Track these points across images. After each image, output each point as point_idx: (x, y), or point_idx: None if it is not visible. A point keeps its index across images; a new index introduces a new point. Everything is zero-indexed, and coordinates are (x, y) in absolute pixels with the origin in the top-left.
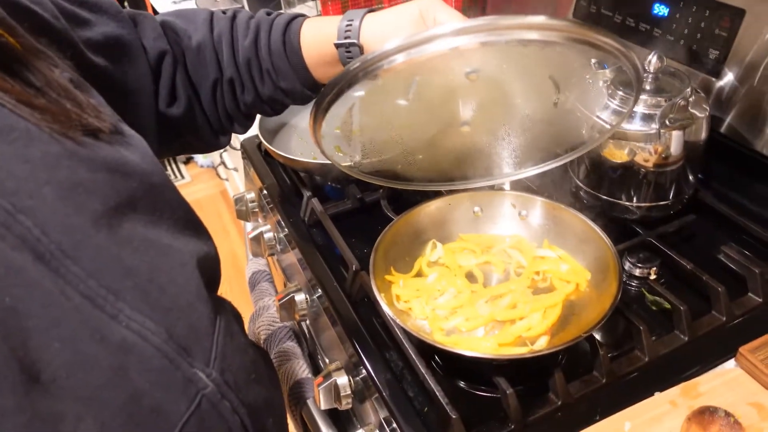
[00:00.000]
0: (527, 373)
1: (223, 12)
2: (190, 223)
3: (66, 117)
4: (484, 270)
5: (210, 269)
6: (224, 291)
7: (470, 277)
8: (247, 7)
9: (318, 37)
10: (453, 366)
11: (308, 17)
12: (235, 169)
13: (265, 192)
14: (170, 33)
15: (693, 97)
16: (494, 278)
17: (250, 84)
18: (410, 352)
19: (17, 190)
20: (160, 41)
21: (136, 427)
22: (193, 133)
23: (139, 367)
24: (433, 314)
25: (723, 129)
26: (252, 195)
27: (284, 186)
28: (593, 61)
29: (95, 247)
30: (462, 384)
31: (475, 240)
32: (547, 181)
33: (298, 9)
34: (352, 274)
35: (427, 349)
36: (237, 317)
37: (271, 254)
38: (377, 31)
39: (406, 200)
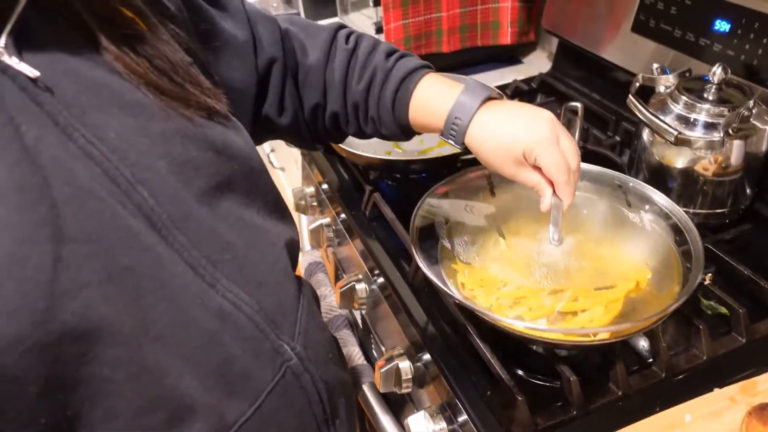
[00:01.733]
0: (588, 363)
1: (347, 37)
2: (278, 208)
3: (185, 97)
4: (546, 265)
5: (293, 253)
6: None
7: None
8: (302, 11)
9: (426, 113)
10: (514, 355)
11: (425, 74)
12: (282, 169)
13: (325, 186)
14: (288, 42)
15: (755, 109)
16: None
17: (354, 121)
18: (475, 337)
19: (137, 161)
20: (274, 47)
21: (228, 389)
22: (294, 138)
23: (233, 334)
24: (497, 303)
25: None
26: (311, 189)
27: (344, 181)
28: (655, 66)
29: (199, 221)
30: (521, 373)
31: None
32: (606, 187)
33: (353, 16)
34: (416, 264)
35: (490, 336)
36: (316, 299)
37: (329, 246)
38: (480, 146)
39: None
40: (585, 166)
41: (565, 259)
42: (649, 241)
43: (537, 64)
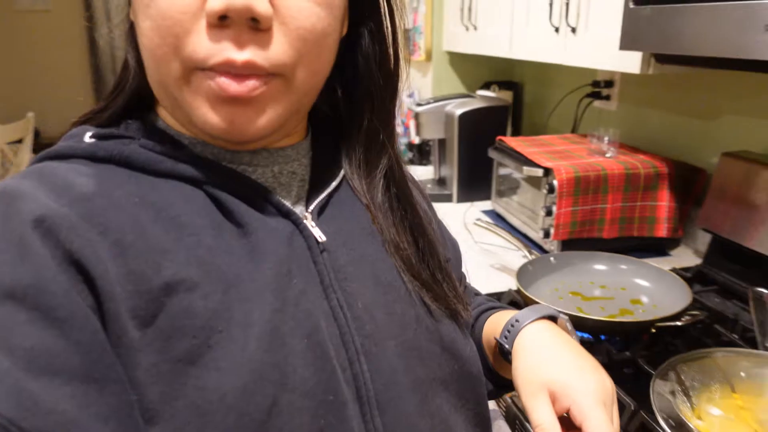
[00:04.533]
0: None
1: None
2: (485, 421)
3: (438, 293)
4: None
5: None
6: None
7: None
8: (455, 194)
9: (495, 323)
10: None
11: (509, 310)
12: None
13: None
14: None
15: None
16: None
17: None
18: None
19: (371, 334)
20: None
21: None
22: None
23: None
24: None
25: None
26: None
27: None
28: None
29: (402, 410)
30: None
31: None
32: None
33: (506, 199)
34: (631, 413)
35: None
36: None
37: None
38: (526, 362)
39: (663, 359)
40: None
41: None
42: None
43: (683, 257)
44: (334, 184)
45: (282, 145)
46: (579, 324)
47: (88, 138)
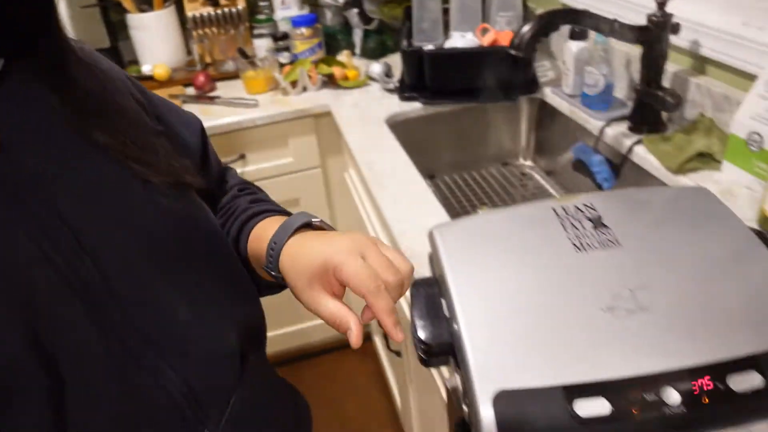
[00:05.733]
0: None
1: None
2: (247, 290)
3: (162, 170)
4: None
5: (247, 334)
6: None
7: None
8: None
9: (255, 243)
10: None
11: (271, 216)
12: None
13: None
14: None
15: None
16: None
17: None
18: None
19: (90, 230)
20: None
21: None
22: None
23: (149, 417)
24: None
25: None
26: None
27: None
28: None
29: (143, 290)
30: None
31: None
32: None
33: None
34: None
35: None
36: (276, 392)
37: None
38: (290, 268)
39: None
40: None
41: None
42: None
43: None
44: None
45: None
46: None
47: None
